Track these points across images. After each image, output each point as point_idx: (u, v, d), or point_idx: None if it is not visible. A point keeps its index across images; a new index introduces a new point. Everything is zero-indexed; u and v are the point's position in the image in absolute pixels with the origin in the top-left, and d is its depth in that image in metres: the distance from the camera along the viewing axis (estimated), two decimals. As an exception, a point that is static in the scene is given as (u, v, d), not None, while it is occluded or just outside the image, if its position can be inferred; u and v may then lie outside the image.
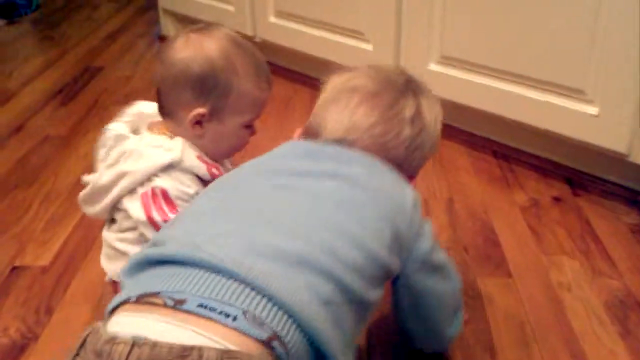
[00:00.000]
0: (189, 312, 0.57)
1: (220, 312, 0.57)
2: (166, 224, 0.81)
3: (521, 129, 1.44)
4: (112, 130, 0.92)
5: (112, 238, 0.93)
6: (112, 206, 0.91)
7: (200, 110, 0.89)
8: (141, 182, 0.87)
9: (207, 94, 0.89)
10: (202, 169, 0.89)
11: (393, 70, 0.91)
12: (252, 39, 1.98)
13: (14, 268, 1.17)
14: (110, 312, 0.62)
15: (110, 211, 0.93)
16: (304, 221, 0.68)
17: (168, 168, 0.87)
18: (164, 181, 0.87)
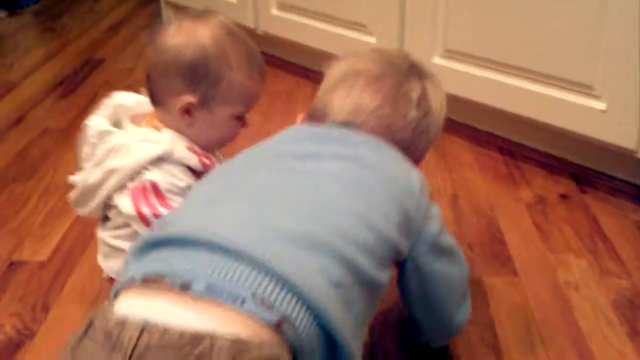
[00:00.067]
0: (196, 294, 0.55)
1: (229, 294, 0.55)
2: (172, 210, 0.80)
3: (527, 125, 1.42)
4: (93, 126, 0.89)
5: (106, 236, 0.91)
6: (103, 204, 0.89)
7: (190, 98, 0.88)
8: (131, 177, 0.85)
9: (198, 82, 0.87)
10: (193, 159, 0.87)
11: (396, 54, 0.91)
12: (254, 32, 1.97)
13: (12, 263, 1.16)
14: (115, 293, 0.61)
15: (102, 209, 0.91)
16: (312, 203, 0.67)
17: (158, 161, 0.85)
18: (154, 174, 0.85)
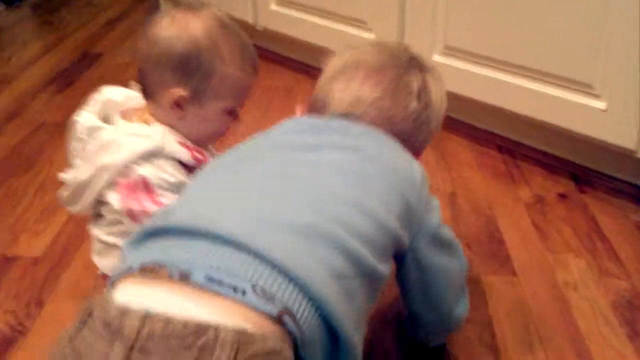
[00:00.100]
0: (196, 285, 0.54)
1: (229, 285, 0.54)
2: (168, 203, 0.79)
3: (526, 123, 1.41)
4: (82, 122, 0.88)
5: (100, 232, 0.90)
6: (95, 201, 0.88)
7: (181, 92, 0.86)
8: (121, 172, 0.83)
9: (189, 75, 0.86)
10: (185, 154, 0.86)
11: (397, 47, 0.91)
12: (253, 27, 1.96)
13: (6, 259, 1.15)
14: (113, 282, 0.60)
15: (95, 206, 0.89)
16: (313, 193, 0.67)
17: (149, 155, 0.84)
18: (145, 169, 0.83)
